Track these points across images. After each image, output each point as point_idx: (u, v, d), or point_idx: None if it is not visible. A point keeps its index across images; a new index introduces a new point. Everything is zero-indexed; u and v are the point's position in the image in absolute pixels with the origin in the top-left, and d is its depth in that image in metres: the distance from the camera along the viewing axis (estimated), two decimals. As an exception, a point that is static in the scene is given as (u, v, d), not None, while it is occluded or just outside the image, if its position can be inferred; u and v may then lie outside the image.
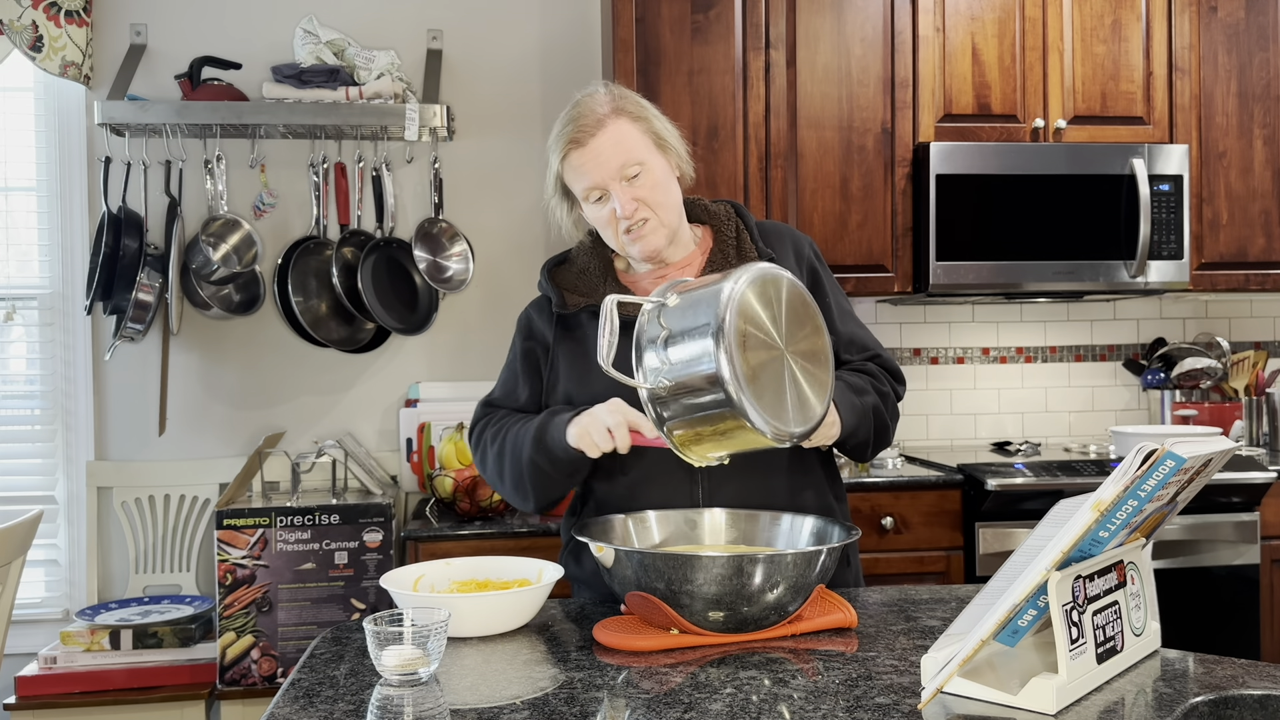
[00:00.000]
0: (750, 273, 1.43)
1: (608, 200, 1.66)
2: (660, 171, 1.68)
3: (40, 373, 3.23)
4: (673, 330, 1.42)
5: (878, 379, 1.75)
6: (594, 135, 1.64)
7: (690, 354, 1.39)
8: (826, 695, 1.17)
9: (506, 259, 3.33)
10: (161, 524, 3.19)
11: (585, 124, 1.65)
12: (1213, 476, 1.26)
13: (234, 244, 3.10)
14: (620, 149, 1.64)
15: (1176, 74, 3.20)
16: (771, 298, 1.44)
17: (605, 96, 1.68)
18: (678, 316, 1.42)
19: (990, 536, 2.82)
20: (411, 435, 3.18)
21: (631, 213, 1.65)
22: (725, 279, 1.42)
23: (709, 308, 1.39)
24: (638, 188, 1.65)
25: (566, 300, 1.75)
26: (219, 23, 3.26)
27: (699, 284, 1.46)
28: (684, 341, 1.40)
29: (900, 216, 3.11)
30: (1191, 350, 3.43)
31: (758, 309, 1.41)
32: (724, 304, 1.38)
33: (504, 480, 1.72)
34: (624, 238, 1.68)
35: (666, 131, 1.71)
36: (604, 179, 1.65)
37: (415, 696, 1.20)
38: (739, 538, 1.62)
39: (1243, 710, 1.16)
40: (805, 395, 1.45)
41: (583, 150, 1.65)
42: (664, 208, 1.68)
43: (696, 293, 1.44)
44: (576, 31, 3.39)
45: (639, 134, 1.67)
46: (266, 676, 2.71)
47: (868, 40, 3.11)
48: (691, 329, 1.40)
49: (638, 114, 1.69)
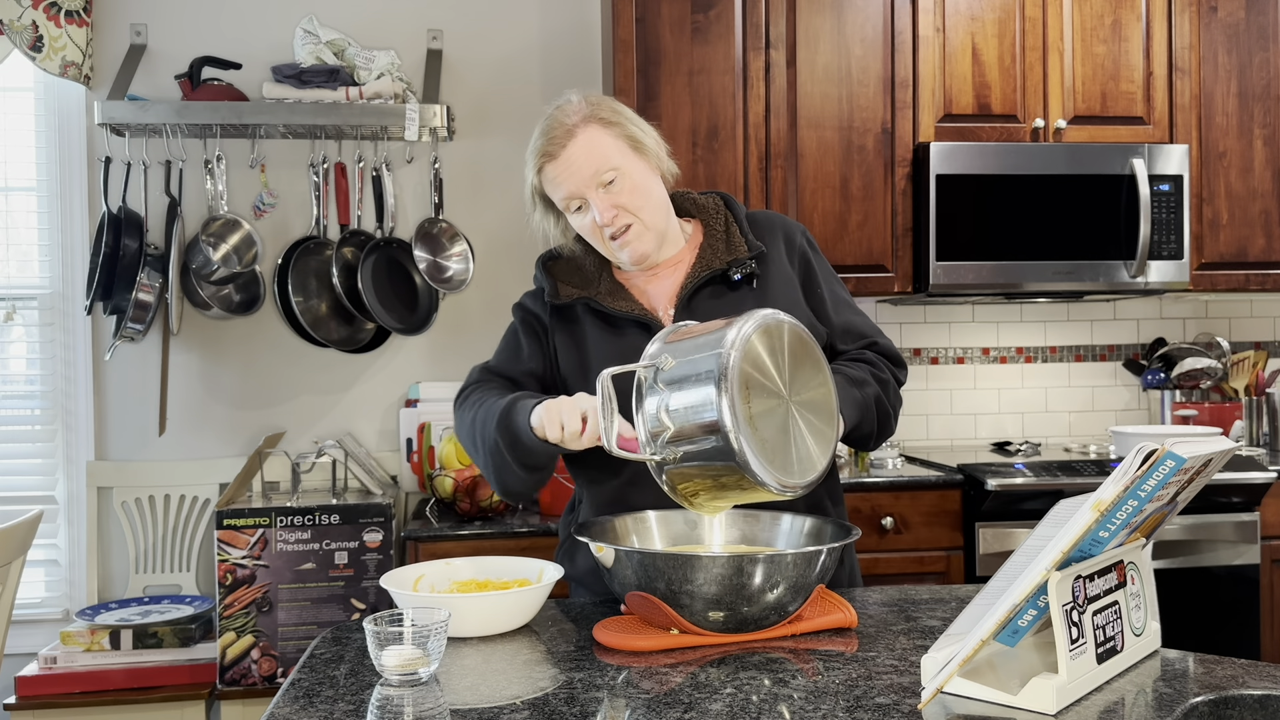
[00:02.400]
0: (753, 320, 1.39)
1: (587, 209, 1.66)
2: (638, 175, 1.66)
3: (40, 373, 3.23)
4: (672, 381, 1.38)
5: (877, 367, 1.73)
6: (564, 146, 1.63)
7: (691, 401, 1.35)
8: (826, 695, 1.17)
9: (506, 259, 3.33)
10: (161, 524, 3.19)
11: (555, 135, 1.64)
12: (1213, 476, 1.26)
13: (234, 244, 3.10)
14: (593, 156, 1.63)
15: (1176, 74, 3.20)
16: (776, 346, 1.40)
17: (577, 105, 1.67)
18: (677, 369, 1.39)
19: (990, 536, 2.82)
20: (411, 435, 3.18)
21: (611, 219, 1.64)
22: (728, 326, 1.38)
23: (710, 355, 1.35)
24: (615, 194, 1.64)
25: (560, 291, 1.74)
26: (219, 23, 3.26)
27: (701, 330, 1.43)
28: (685, 389, 1.36)
29: (900, 216, 3.11)
30: (1191, 350, 3.43)
31: (763, 356, 1.38)
32: (727, 349, 1.34)
33: (476, 451, 1.67)
34: (610, 244, 1.68)
35: (642, 134, 1.69)
36: (579, 188, 1.64)
37: (415, 696, 1.20)
38: (739, 538, 1.62)
39: (1243, 710, 1.15)
40: (808, 448, 1.42)
41: (555, 162, 1.64)
42: (646, 210, 1.67)
43: (698, 339, 1.40)
44: (576, 31, 3.39)
45: (611, 139, 1.65)
46: (266, 676, 2.71)
47: (868, 40, 3.11)
48: (693, 375, 1.36)
49: (610, 119, 1.67)
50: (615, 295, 1.72)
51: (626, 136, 1.67)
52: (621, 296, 1.72)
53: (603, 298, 1.71)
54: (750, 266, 1.70)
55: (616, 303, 1.70)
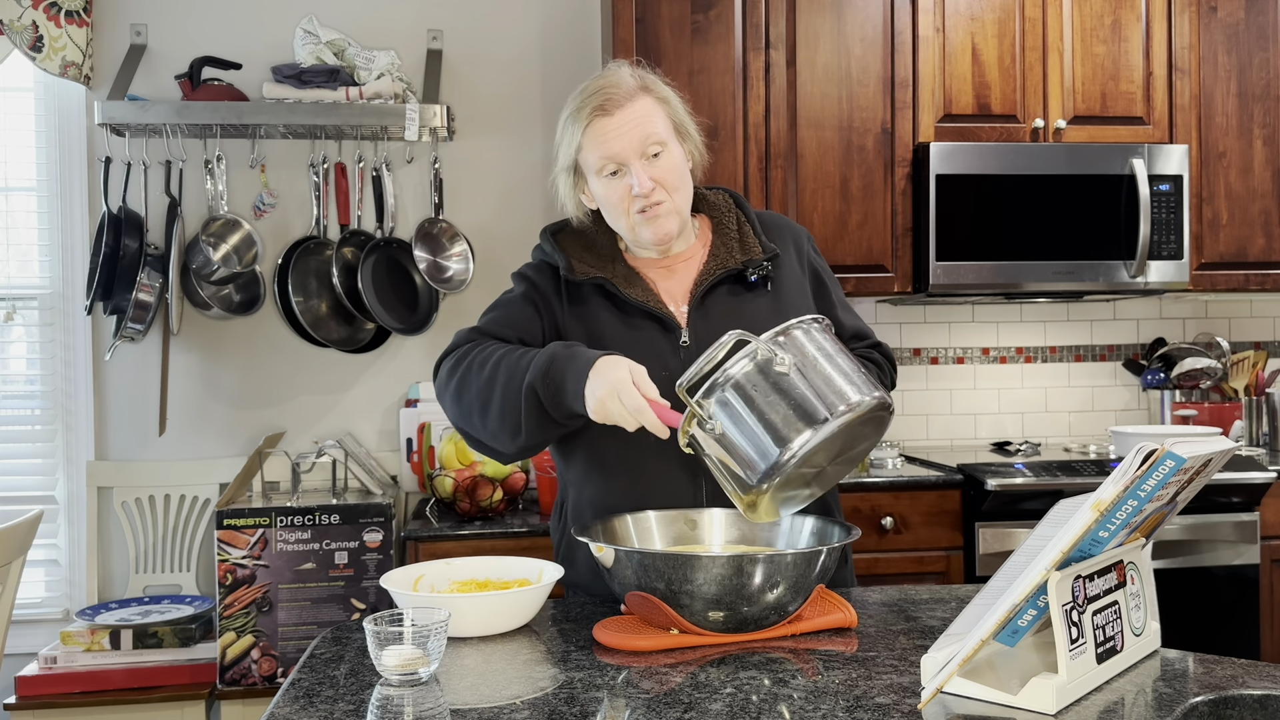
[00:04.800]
0: (859, 410, 1.37)
1: (624, 175, 1.63)
2: (678, 156, 1.67)
3: (40, 373, 3.23)
4: (756, 400, 1.37)
5: (882, 369, 1.76)
6: (621, 106, 1.62)
7: (755, 438, 1.37)
8: (826, 695, 1.17)
9: (506, 259, 3.32)
10: (161, 524, 3.19)
11: (614, 94, 1.62)
12: (1213, 476, 1.26)
13: (234, 244, 3.10)
14: (646, 124, 1.62)
15: (1176, 74, 3.20)
16: (856, 435, 1.41)
17: (631, 73, 1.67)
18: (772, 389, 1.36)
19: (990, 536, 2.82)
20: (412, 435, 3.18)
21: (649, 191, 1.62)
22: (838, 399, 1.36)
23: (801, 415, 1.35)
24: (656, 167, 1.63)
25: (575, 268, 1.70)
26: (219, 23, 3.26)
27: (822, 356, 1.40)
28: (757, 419, 1.37)
29: (900, 216, 3.11)
30: (1191, 350, 3.43)
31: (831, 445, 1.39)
32: (807, 438, 1.34)
33: (490, 402, 1.58)
34: (636, 217, 1.65)
35: (687, 120, 1.70)
36: (625, 152, 1.62)
37: (415, 696, 1.20)
38: (739, 538, 1.62)
39: (1243, 710, 1.15)
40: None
41: (609, 119, 1.62)
42: (679, 192, 1.66)
43: (807, 380, 1.37)
44: (576, 31, 3.39)
45: (663, 116, 1.66)
46: (266, 676, 2.71)
47: (868, 40, 3.11)
48: (771, 422, 1.36)
49: (663, 96, 1.68)
50: (631, 282, 1.69)
51: (674, 117, 1.68)
52: (638, 285, 1.69)
53: (619, 282, 1.68)
54: (766, 269, 1.70)
55: (633, 290, 1.68)
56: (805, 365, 1.38)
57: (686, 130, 1.70)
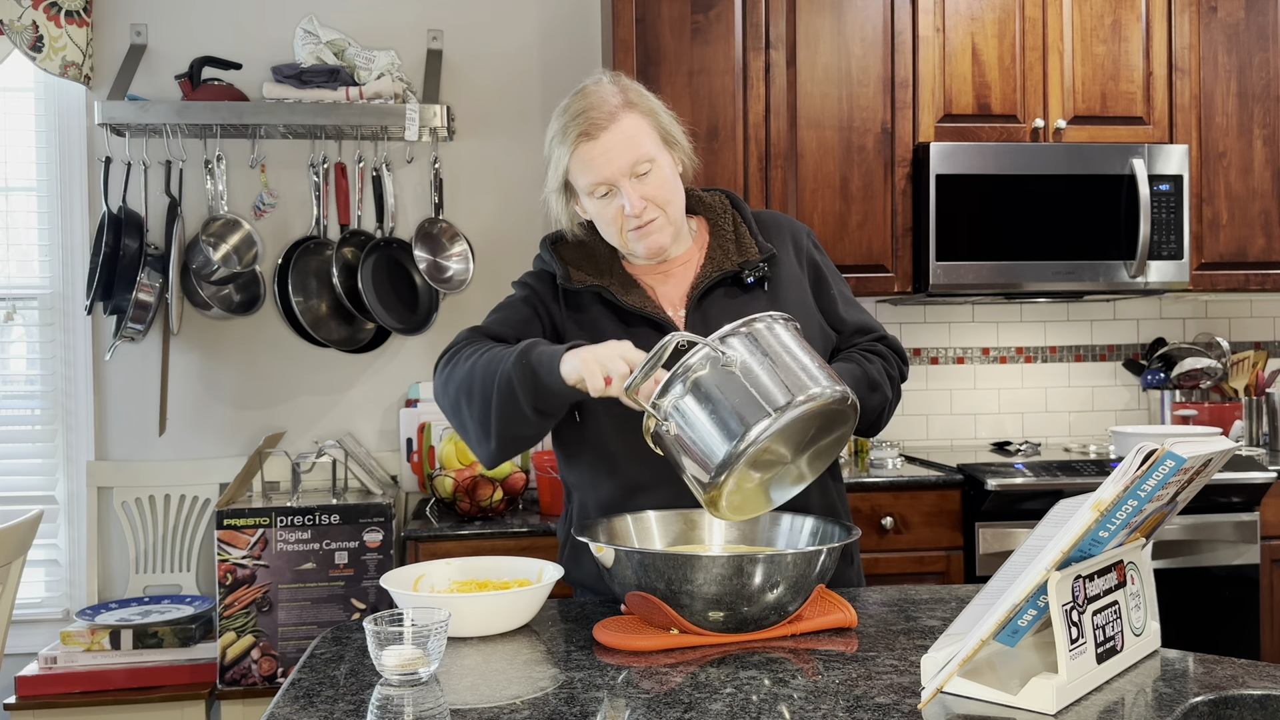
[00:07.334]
0: (823, 398, 1.36)
1: (614, 196, 1.63)
2: (668, 168, 1.66)
3: (40, 373, 3.23)
4: (710, 394, 1.35)
5: (889, 362, 1.76)
6: (605, 129, 1.60)
7: (707, 435, 1.35)
8: (826, 695, 1.17)
9: (506, 259, 3.32)
10: (161, 524, 3.19)
11: (597, 117, 1.61)
12: (1213, 476, 1.26)
13: (234, 244, 3.10)
14: (632, 145, 1.61)
15: (1176, 74, 3.20)
16: (819, 428, 1.40)
17: (613, 88, 1.65)
18: (728, 379, 1.35)
19: (990, 536, 2.82)
20: (412, 435, 3.18)
21: (640, 211, 1.62)
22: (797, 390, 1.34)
23: (756, 405, 1.33)
24: (647, 185, 1.63)
25: (573, 276, 1.71)
26: (219, 23, 3.26)
27: (779, 350, 1.39)
28: (708, 417, 1.35)
29: (900, 216, 3.11)
30: (1191, 350, 3.43)
31: (799, 432, 1.38)
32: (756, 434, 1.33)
33: (471, 400, 1.58)
34: (629, 235, 1.65)
35: (673, 127, 1.69)
36: (614, 175, 1.61)
37: (415, 696, 1.20)
38: (739, 538, 1.62)
39: (1243, 710, 1.16)
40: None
41: (594, 143, 1.61)
42: (671, 205, 1.66)
43: (763, 373, 1.36)
44: (576, 31, 3.39)
45: (649, 129, 1.64)
46: (266, 676, 2.71)
47: (868, 40, 3.11)
48: (726, 414, 1.34)
49: (646, 108, 1.66)
50: (628, 289, 1.70)
51: (660, 128, 1.66)
52: (635, 291, 1.69)
53: (616, 289, 1.69)
54: (762, 269, 1.70)
55: (630, 297, 1.68)
56: (755, 362, 1.37)
57: (674, 139, 1.68)
